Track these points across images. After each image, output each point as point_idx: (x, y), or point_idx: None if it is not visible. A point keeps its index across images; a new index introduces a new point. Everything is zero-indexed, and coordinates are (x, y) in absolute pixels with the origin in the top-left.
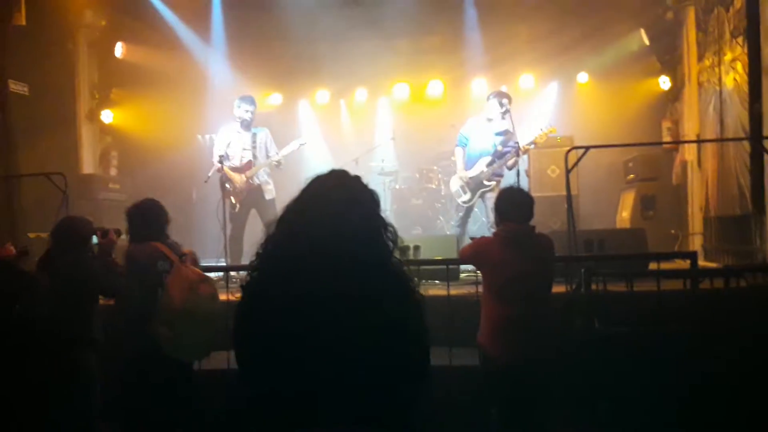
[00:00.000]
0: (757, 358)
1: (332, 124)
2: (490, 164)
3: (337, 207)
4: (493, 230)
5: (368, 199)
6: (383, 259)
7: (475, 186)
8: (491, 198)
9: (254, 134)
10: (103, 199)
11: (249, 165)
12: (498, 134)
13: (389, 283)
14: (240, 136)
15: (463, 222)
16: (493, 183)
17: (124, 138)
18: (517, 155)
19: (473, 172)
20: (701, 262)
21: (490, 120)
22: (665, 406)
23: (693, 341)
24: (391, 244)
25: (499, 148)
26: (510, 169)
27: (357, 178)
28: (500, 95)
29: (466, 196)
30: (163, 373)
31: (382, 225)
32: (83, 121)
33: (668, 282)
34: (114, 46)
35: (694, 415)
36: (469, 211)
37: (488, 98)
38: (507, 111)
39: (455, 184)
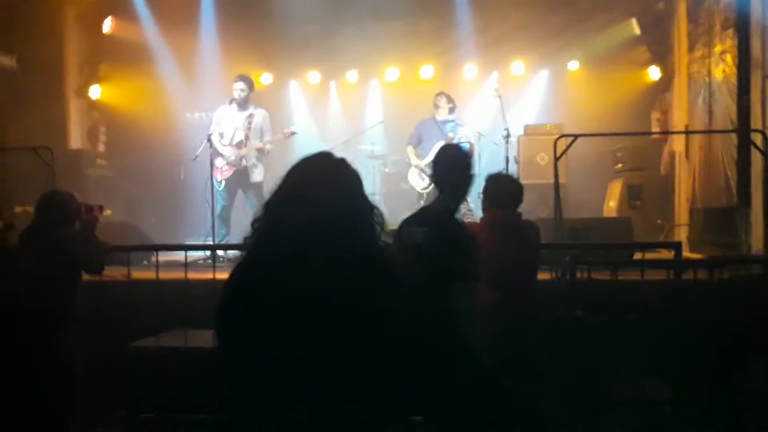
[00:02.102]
0: (738, 348)
1: (322, 106)
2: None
3: (323, 190)
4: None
5: (354, 182)
6: (369, 241)
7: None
8: None
9: (250, 115)
10: (90, 175)
11: (240, 145)
12: (446, 122)
13: (375, 266)
14: (234, 116)
15: None
16: None
17: (113, 114)
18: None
19: (428, 159)
20: (686, 253)
21: (438, 118)
22: (646, 393)
23: (675, 331)
24: (377, 227)
25: (450, 134)
26: None
27: (342, 161)
28: (442, 95)
29: (425, 182)
30: None
31: (368, 207)
32: (71, 96)
33: (652, 272)
34: (103, 21)
35: (675, 402)
36: (431, 197)
37: (434, 99)
38: (453, 107)
39: (412, 174)
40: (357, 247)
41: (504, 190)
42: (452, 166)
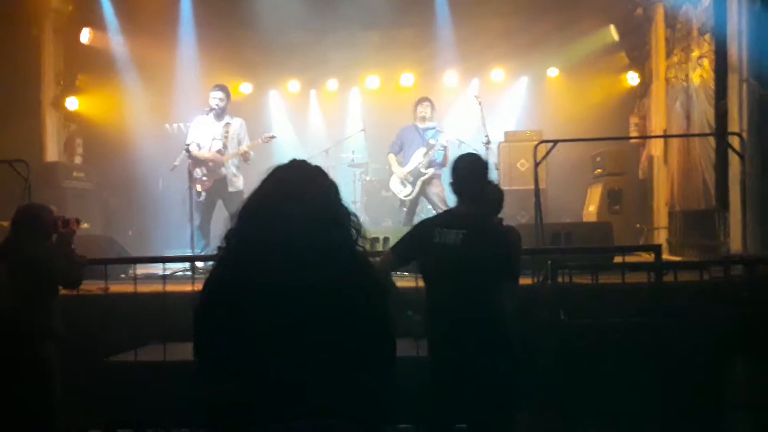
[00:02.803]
0: (721, 348)
1: (303, 115)
2: (426, 154)
3: (299, 196)
4: None
5: (330, 189)
6: (347, 247)
7: (414, 178)
8: (434, 187)
9: (227, 124)
10: (67, 188)
11: (219, 154)
12: (427, 129)
13: (353, 272)
14: (211, 125)
15: (409, 218)
16: (431, 170)
17: (90, 126)
18: (445, 151)
19: (410, 166)
20: (666, 256)
21: (419, 125)
22: (630, 396)
23: (658, 333)
24: (354, 232)
25: (431, 141)
26: (443, 164)
27: (318, 168)
28: (424, 101)
29: (407, 189)
30: None
31: (345, 214)
32: (48, 108)
33: (633, 275)
34: (80, 31)
35: (658, 404)
36: (413, 205)
37: (415, 106)
38: (431, 111)
39: (394, 182)
40: (336, 251)
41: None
42: (472, 173)
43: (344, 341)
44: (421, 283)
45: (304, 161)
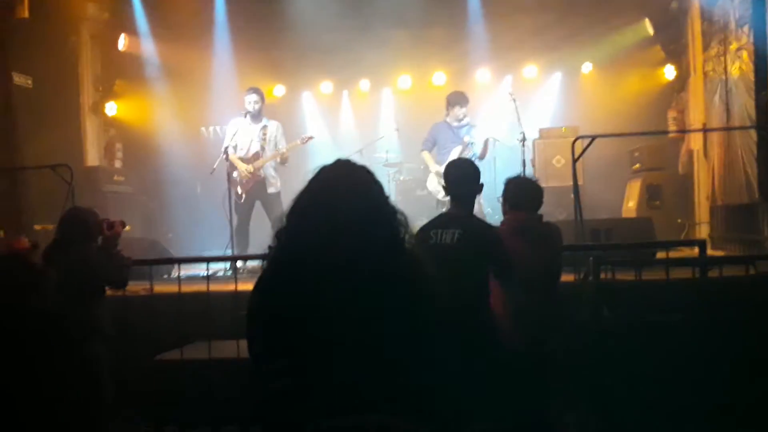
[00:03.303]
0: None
1: (336, 116)
2: (462, 152)
3: (346, 194)
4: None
5: (375, 186)
6: (396, 243)
7: None
8: None
9: (264, 126)
10: (107, 192)
11: (256, 156)
12: (461, 127)
13: (403, 266)
14: (248, 128)
15: None
16: None
17: (128, 130)
18: (485, 144)
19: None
20: (709, 251)
21: (452, 121)
22: (674, 394)
23: (703, 329)
24: (402, 229)
25: (466, 138)
26: (481, 159)
27: (363, 167)
28: (459, 101)
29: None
30: None
31: (392, 211)
32: (87, 113)
33: (676, 270)
34: (117, 38)
35: (702, 402)
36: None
37: (448, 107)
38: (465, 109)
39: (432, 181)
40: (386, 247)
41: (524, 192)
42: (463, 177)
43: (395, 336)
44: None
45: (348, 160)
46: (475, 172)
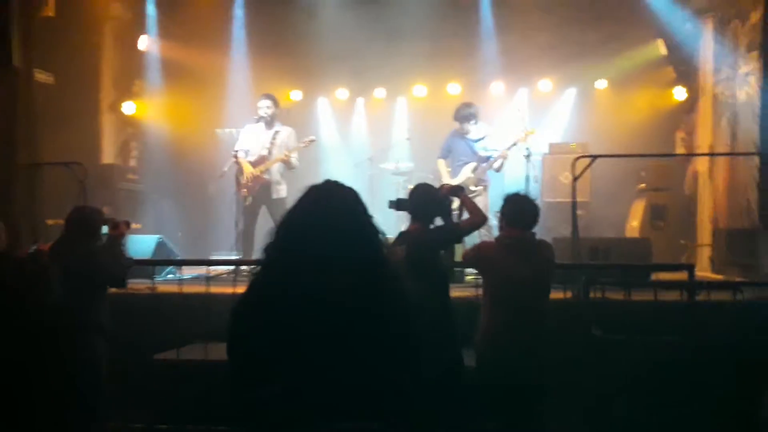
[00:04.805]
0: (756, 370)
1: (349, 122)
2: (475, 170)
3: (331, 215)
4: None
5: (358, 207)
6: (376, 262)
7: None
8: (481, 200)
9: (276, 132)
10: (121, 189)
11: (262, 160)
12: (477, 140)
13: (382, 284)
14: (261, 134)
15: None
16: (480, 188)
17: (145, 130)
18: (502, 157)
19: (460, 179)
20: (709, 274)
21: (465, 133)
22: (662, 412)
23: (691, 351)
24: (383, 247)
25: (482, 153)
26: (497, 171)
27: (350, 189)
28: (466, 117)
29: (455, 204)
30: None
31: (374, 232)
32: (105, 111)
33: (667, 292)
34: (138, 38)
35: (689, 422)
36: (459, 218)
37: (462, 120)
38: (476, 122)
39: None
40: (366, 266)
41: (521, 210)
42: (423, 199)
43: (373, 347)
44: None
45: (336, 182)
46: (434, 195)
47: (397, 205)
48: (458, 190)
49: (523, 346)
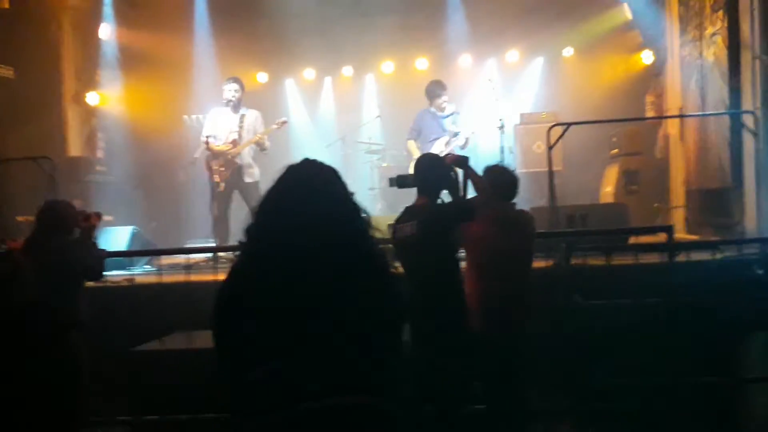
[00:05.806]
0: (733, 326)
1: (318, 103)
2: (447, 144)
3: (312, 193)
4: None
5: (339, 184)
6: (359, 238)
7: None
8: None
9: (242, 115)
10: (90, 182)
11: (234, 144)
12: (447, 116)
13: (365, 262)
14: (228, 117)
15: None
16: None
17: (110, 120)
18: (466, 141)
19: None
20: (683, 235)
21: (438, 110)
22: (644, 375)
23: (669, 312)
24: (365, 225)
25: (452, 127)
26: (463, 148)
27: (329, 167)
28: (437, 91)
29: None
30: None
31: (356, 209)
32: (69, 103)
33: (646, 255)
34: (98, 27)
35: (671, 385)
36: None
37: (429, 98)
38: (446, 98)
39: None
40: (346, 244)
41: (501, 182)
42: (431, 172)
43: (363, 325)
44: None
45: (315, 160)
46: (440, 166)
47: (398, 182)
48: (464, 160)
49: (506, 316)
